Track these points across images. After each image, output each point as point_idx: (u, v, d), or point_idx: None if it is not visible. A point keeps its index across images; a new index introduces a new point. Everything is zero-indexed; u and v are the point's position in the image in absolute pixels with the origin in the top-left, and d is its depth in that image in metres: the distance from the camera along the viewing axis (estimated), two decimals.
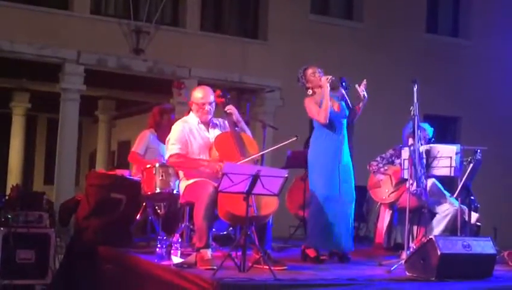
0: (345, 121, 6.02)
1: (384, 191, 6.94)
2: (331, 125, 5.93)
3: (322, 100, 5.86)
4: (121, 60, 10.60)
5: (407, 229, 5.87)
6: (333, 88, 5.94)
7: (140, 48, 10.59)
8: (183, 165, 5.48)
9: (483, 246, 5.30)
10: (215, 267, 4.66)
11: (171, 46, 10.83)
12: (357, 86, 6.00)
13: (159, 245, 5.24)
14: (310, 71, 6.00)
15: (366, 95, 5.98)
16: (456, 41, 13.25)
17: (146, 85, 11.99)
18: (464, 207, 6.56)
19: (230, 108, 5.63)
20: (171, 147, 5.45)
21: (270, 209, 5.09)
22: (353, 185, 6.04)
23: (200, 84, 10.41)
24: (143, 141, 6.88)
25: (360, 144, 10.48)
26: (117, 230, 6.11)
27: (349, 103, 6.05)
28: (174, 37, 10.95)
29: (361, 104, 6.08)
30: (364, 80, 6.00)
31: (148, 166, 6.25)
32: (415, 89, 5.75)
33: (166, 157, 5.55)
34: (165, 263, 5.07)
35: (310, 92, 6.00)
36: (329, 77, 5.85)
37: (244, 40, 11.65)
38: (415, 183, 5.97)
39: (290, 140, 5.48)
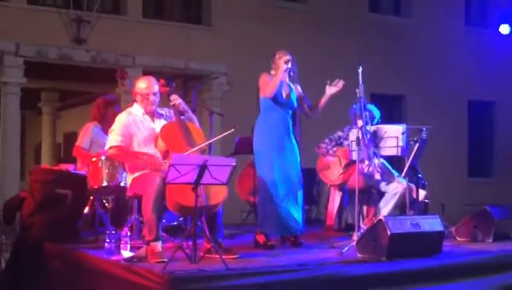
0: (290, 111, 6.05)
1: (333, 173, 6.97)
2: (277, 109, 5.94)
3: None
4: (62, 50, 10.35)
5: (357, 210, 5.92)
6: (289, 75, 5.98)
7: (82, 37, 10.35)
8: (122, 157, 5.41)
9: (432, 223, 5.39)
10: (166, 260, 4.60)
11: (114, 35, 10.62)
12: (328, 85, 6.05)
13: (107, 240, 5.13)
14: (278, 53, 6.02)
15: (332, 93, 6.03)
16: (399, 20, 13.39)
17: (89, 75, 11.75)
18: (412, 185, 6.64)
19: (175, 98, 5.54)
20: (112, 138, 5.34)
21: (220, 198, 5.05)
22: (299, 168, 6.05)
23: (144, 72, 10.32)
24: (87, 134, 6.73)
25: (308, 127, 10.52)
26: (64, 226, 5.97)
27: (306, 100, 6.08)
28: (116, 26, 10.74)
29: (323, 100, 6.11)
30: (341, 81, 6.05)
31: (93, 159, 6.14)
32: (360, 71, 5.78)
33: (106, 148, 5.42)
34: (114, 257, 4.97)
35: (272, 72, 6.01)
36: (288, 58, 5.90)
37: (188, 26, 11.52)
38: (367, 163, 6.03)
39: (229, 131, 5.48)
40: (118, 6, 11.23)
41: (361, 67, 5.81)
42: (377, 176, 6.17)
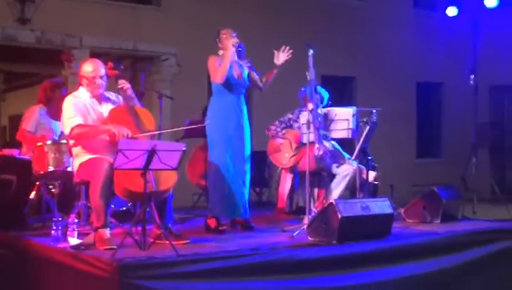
0: (243, 90, 5.98)
1: (284, 155, 6.97)
2: (230, 90, 5.89)
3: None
4: (5, 30, 10.01)
5: (308, 193, 5.93)
6: (238, 55, 5.89)
7: (26, 17, 10.02)
8: (88, 135, 5.11)
9: (381, 206, 5.45)
10: (114, 247, 4.51)
11: (60, 15, 10.32)
12: (276, 54, 5.99)
13: (54, 227, 4.99)
14: (223, 31, 5.96)
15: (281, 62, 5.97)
16: (350, 2, 13.41)
17: (35, 56, 11.42)
18: (362, 167, 6.69)
19: (124, 83, 5.41)
20: (71, 120, 5.10)
21: (170, 183, 4.97)
22: (249, 152, 6.02)
23: (92, 53, 10.09)
24: (32, 117, 6.54)
25: (258, 109, 10.48)
26: (9, 212, 5.82)
27: (255, 72, 6.02)
28: (62, 5, 10.43)
29: (275, 71, 6.06)
30: (288, 48, 5.97)
31: (39, 144, 5.98)
32: (310, 53, 5.76)
33: (67, 132, 5.15)
34: (61, 245, 4.85)
35: (220, 52, 5.95)
36: (236, 41, 5.85)
37: (136, 6, 11.27)
38: (317, 146, 6.03)
39: (181, 128, 5.78)
40: None
41: (311, 50, 5.79)
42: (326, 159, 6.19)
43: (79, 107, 5.20)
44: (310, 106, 6.02)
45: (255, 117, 5.74)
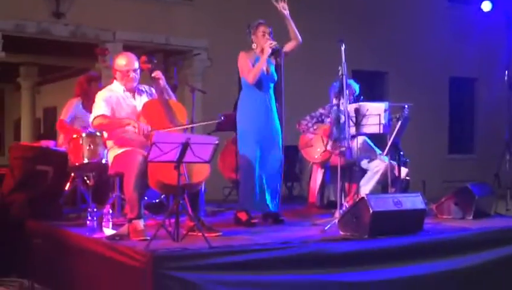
0: (272, 85, 6.00)
1: (315, 150, 6.98)
2: (259, 86, 5.91)
3: (256, 60, 5.84)
4: (40, 24, 10.18)
5: (339, 188, 5.93)
6: (273, 54, 5.89)
7: (61, 11, 10.19)
8: (109, 126, 5.23)
9: (413, 201, 5.40)
10: (148, 238, 4.57)
11: (94, 9, 10.45)
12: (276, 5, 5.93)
13: (89, 217, 5.10)
14: (261, 28, 5.94)
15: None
16: None
17: (69, 50, 11.60)
18: (394, 163, 6.67)
19: (158, 74, 5.47)
20: (97, 109, 5.23)
21: (202, 176, 5.02)
22: (281, 146, 6.03)
23: (125, 47, 10.21)
24: (70, 109, 6.73)
25: (290, 104, 10.48)
26: (45, 203, 5.93)
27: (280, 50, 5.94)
28: (96, 0, 10.58)
29: (289, 26, 5.98)
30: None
31: (74, 136, 6.08)
32: (342, 48, 5.75)
33: (91, 119, 5.31)
34: (96, 235, 4.94)
35: (254, 45, 5.94)
36: (274, 43, 5.82)
37: (169, 0, 11.37)
38: (338, 143, 6.01)
39: (214, 121, 5.74)
40: None
41: (343, 45, 5.78)
42: (347, 157, 6.16)
43: (110, 101, 5.27)
44: (335, 100, 6.00)
45: (287, 112, 5.76)
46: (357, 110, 6.17)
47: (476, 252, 5.42)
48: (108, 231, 4.96)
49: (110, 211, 5.20)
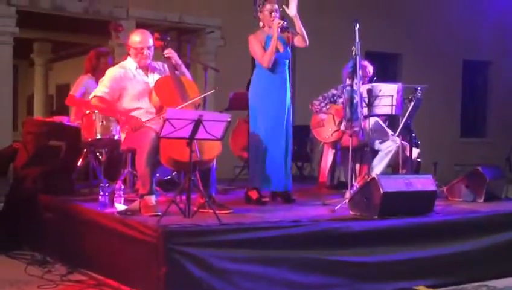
0: (287, 62, 5.96)
1: (327, 130, 6.98)
2: (274, 65, 5.86)
3: (267, 40, 5.78)
4: (54, 1, 10.18)
5: (350, 168, 5.93)
6: (282, 32, 5.85)
7: None
8: (104, 111, 5.46)
9: (424, 182, 5.40)
10: (159, 214, 4.61)
11: None
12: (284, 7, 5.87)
13: (101, 192, 5.13)
14: (267, 7, 5.86)
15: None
16: None
17: (83, 26, 11.59)
18: (405, 144, 6.66)
19: (170, 52, 5.48)
20: (98, 88, 5.34)
21: (214, 153, 5.05)
22: (291, 125, 6.01)
23: (138, 25, 10.18)
24: (80, 84, 6.75)
25: (303, 84, 10.46)
26: (57, 178, 5.96)
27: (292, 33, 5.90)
28: None
29: (296, 24, 5.85)
30: None
31: (87, 112, 6.11)
32: (356, 28, 5.72)
33: (90, 96, 5.40)
34: (108, 210, 4.99)
35: (261, 24, 5.91)
36: (281, 21, 5.75)
37: None
38: (351, 124, 6.00)
39: (210, 92, 5.68)
40: None
41: (357, 25, 5.75)
42: (360, 138, 6.13)
43: (119, 80, 5.31)
44: (348, 81, 5.98)
45: (299, 92, 5.74)
46: (369, 91, 6.15)
47: (486, 234, 5.43)
48: (120, 206, 5.01)
49: (122, 187, 5.24)
